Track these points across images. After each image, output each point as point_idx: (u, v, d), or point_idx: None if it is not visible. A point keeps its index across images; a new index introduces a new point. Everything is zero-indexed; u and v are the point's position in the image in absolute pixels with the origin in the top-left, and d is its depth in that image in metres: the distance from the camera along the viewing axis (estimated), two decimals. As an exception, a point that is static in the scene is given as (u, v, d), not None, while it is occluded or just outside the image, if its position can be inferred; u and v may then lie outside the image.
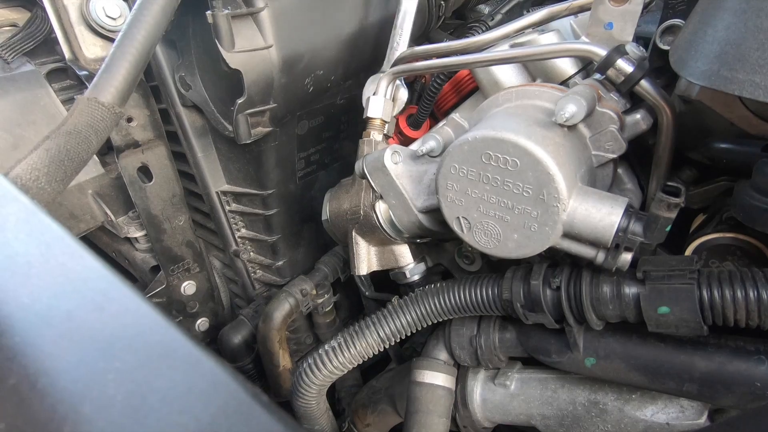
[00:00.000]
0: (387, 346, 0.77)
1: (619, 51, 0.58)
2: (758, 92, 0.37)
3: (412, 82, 1.04)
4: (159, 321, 0.23)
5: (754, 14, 0.38)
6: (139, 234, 1.04)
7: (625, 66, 0.57)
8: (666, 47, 0.60)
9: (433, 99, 0.86)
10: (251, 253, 1.13)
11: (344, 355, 0.76)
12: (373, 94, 0.81)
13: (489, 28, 0.81)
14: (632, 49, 0.60)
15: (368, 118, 0.82)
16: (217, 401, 0.18)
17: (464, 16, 1.28)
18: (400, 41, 0.84)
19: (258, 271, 1.15)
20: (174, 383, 0.19)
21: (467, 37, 0.77)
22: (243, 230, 1.10)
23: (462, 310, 0.71)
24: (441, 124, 0.78)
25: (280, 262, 1.10)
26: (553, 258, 0.66)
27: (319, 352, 0.78)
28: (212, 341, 1.19)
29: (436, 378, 0.77)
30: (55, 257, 0.27)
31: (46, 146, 0.47)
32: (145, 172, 0.97)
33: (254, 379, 1.10)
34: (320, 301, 1.08)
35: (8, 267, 0.26)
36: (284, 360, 1.03)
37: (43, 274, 0.25)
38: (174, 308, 1.09)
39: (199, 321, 1.15)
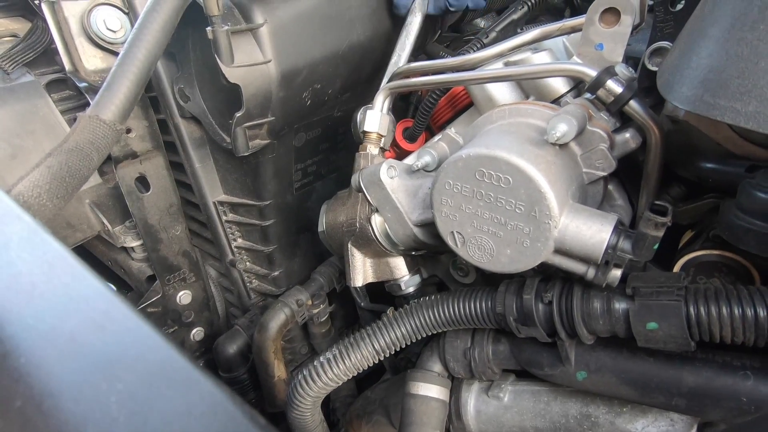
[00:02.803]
0: (382, 358, 0.77)
1: (609, 72, 0.60)
2: (739, 118, 0.39)
3: (408, 95, 1.06)
4: (158, 341, 0.23)
5: (734, 43, 0.40)
6: (135, 243, 1.05)
7: (614, 87, 0.59)
8: (654, 68, 0.62)
9: (428, 113, 0.88)
10: (247, 263, 1.14)
11: (339, 367, 0.76)
12: (370, 109, 0.83)
13: (484, 46, 0.83)
14: (622, 70, 0.62)
15: (365, 132, 0.83)
16: (215, 424, 0.19)
17: (460, 29, 1.31)
18: (401, 57, 0.86)
19: (254, 280, 1.16)
20: (174, 405, 0.20)
21: (462, 54, 0.78)
22: (239, 240, 1.11)
23: (456, 322, 0.72)
24: (436, 138, 0.79)
25: (276, 272, 1.11)
26: (546, 272, 0.67)
27: (315, 363, 0.78)
28: (207, 351, 1.19)
29: (430, 390, 0.78)
30: (58, 277, 0.27)
31: (48, 163, 0.48)
32: (142, 182, 0.98)
33: (249, 389, 1.10)
34: (316, 311, 1.08)
35: (12, 287, 0.26)
36: (279, 370, 1.03)
37: (46, 294, 0.26)
38: (169, 318, 1.09)
39: (194, 331, 1.15)
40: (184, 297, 1.09)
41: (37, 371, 0.21)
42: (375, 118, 0.82)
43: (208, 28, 0.72)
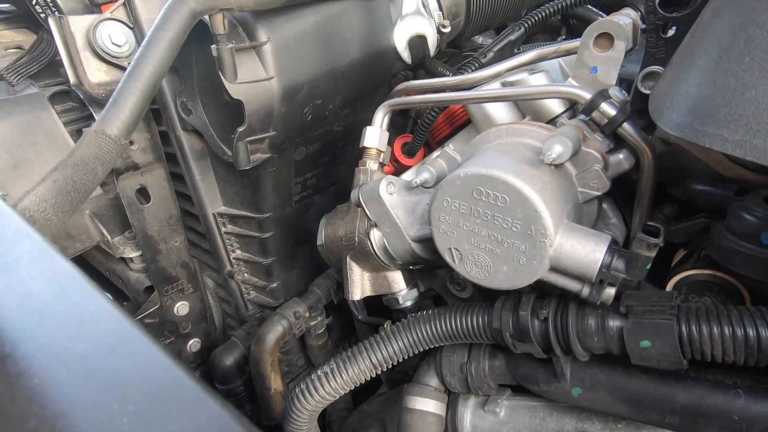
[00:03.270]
0: (379, 372, 0.78)
1: (603, 95, 0.61)
2: (726, 146, 0.40)
3: (407, 110, 1.08)
4: (168, 363, 0.24)
5: (722, 74, 0.41)
6: (134, 254, 1.05)
7: (608, 109, 0.61)
8: (646, 91, 0.64)
9: (427, 130, 0.89)
10: (245, 275, 1.14)
11: (336, 381, 0.76)
12: (370, 125, 0.84)
13: (482, 65, 0.85)
14: (615, 93, 0.64)
15: (364, 148, 0.85)
16: (224, 446, 0.20)
17: (459, 45, 1.33)
18: None
19: (252, 292, 1.16)
20: (184, 427, 0.20)
21: (461, 74, 0.80)
22: (238, 251, 1.11)
23: (453, 337, 0.73)
24: (434, 155, 0.81)
25: (274, 284, 1.11)
26: (542, 289, 0.68)
27: (312, 377, 0.78)
28: (203, 362, 1.19)
29: (426, 405, 0.78)
30: (69, 297, 0.28)
31: (54, 178, 0.49)
32: (143, 193, 0.98)
33: (245, 401, 1.10)
34: (313, 323, 1.08)
35: (24, 306, 0.27)
36: (275, 383, 1.03)
37: (57, 314, 0.27)
38: (166, 329, 1.09)
39: (190, 342, 1.15)
40: (181, 308, 1.10)
41: (50, 391, 0.22)
42: (375, 134, 0.83)
43: (213, 46, 0.73)
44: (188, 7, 0.63)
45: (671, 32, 0.63)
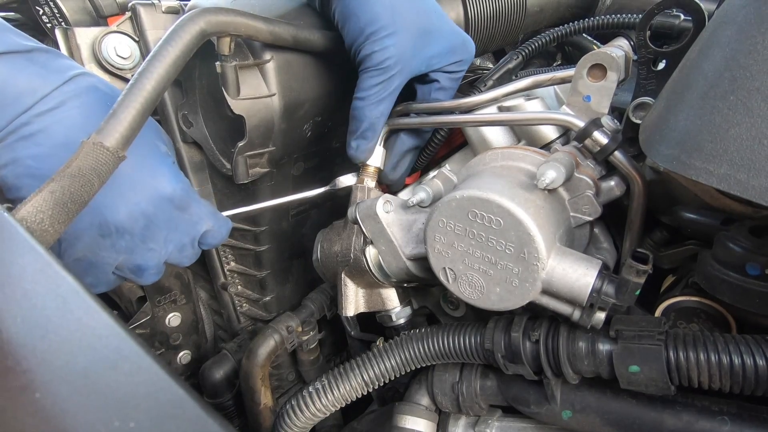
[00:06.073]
0: (371, 390, 0.78)
1: (596, 124, 0.63)
2: (712, 179, 0.42)
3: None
4: (168, 380, 0.25)
5: (708, 110, 0.43)
6: (128, 264, 1.05)
7: (600, 138, 0.63)
8: (637, 121, 0.66)
9: (431, 154, 0.91)
10: (239, 287, 1.14)
11: (327, 398, 0.76)
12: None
13: (481, 93, 0.87)
14: (607, 121, 0.66)
15: (363, 165, 0.86)
16: (224, 466, 0.20)
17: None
18: None
19: (244, 304, 1.16)
20: (183, 445, 0.21)
21: (460, 98, 0.82)
22: (232, 264, 1.11)
23: (445, 356, 0.73)
24: (431, 175, 0.82)
25: (268, 298, 1.11)
26: (534, 310, 0.69)
27: (302, 393, 0.78)
28: (193, 374, 1.17)
29: (417, 424, 0.78)
30: (71, 312, 0.29)
31: (50, 188, 0.49)
32: (140, 203, 0.98)
33: (233, 416, 1.08)
34: (305, 338, 1.08)
35: (28, 321, 0.28)
36: (265, 398, 1.02)
37: (60, 329, 0.27)
38: (157, 340, 1.08)
39: (181, 354, 1.14)
40: (173, 319, 1.09)
41: (52, 407, 0.23)
42: (374, 152, 0.85)
43: (217, 63, 0.75)
44: (199, 27, 0.64)
45: (661, 65, 0.65)
